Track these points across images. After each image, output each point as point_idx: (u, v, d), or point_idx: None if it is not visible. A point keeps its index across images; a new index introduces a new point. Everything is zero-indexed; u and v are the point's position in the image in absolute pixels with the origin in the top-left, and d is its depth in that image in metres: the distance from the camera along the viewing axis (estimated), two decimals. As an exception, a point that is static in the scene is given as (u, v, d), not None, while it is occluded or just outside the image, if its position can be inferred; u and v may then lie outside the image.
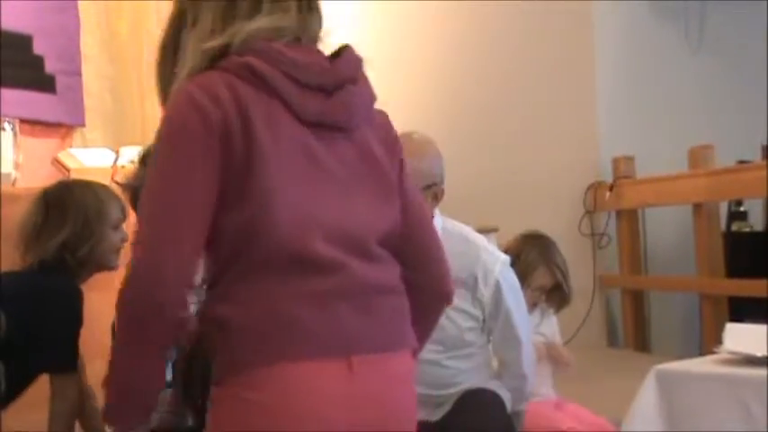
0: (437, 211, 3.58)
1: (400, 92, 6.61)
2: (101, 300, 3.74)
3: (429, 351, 3.52)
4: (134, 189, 3.19)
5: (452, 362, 3.59)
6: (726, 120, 7.58)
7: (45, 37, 5.47)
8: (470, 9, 6.88)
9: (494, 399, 3.60)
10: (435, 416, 3.56)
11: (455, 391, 3.57)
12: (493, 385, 3.65)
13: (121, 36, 5.81)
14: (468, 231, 3.69)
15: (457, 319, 3.55)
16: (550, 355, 4.14)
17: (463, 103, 6.83)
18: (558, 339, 4.26)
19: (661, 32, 7.67)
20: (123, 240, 3.41)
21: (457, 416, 3.50)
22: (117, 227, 3.42)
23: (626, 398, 3.63)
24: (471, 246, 3.63)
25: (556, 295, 4.19)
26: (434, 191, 3.51)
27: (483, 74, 6.97)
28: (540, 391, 4.03)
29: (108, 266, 3.44)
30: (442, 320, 3.50)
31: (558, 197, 7.14)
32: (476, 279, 3.56)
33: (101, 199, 3.43)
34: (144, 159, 3.16)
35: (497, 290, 3.60)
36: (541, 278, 4.14)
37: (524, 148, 7.03)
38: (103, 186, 3.57)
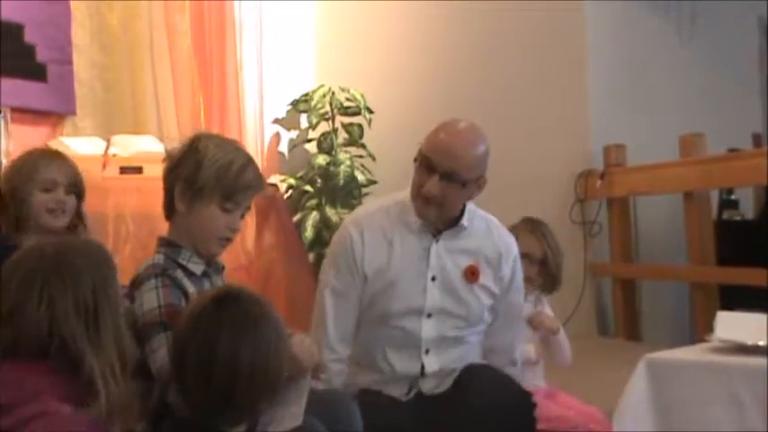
0: None
1: (393, 81, 6.63)
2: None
3: (453, 328, 3.61)
4: (166, 163, 3.25)
5: (471, 338, 3.69)
6: (716, 108, 7.59)
7: (36, 26, 5.47)
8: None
9: (495, 369, 3.66)
10: (440, 388, 3.61)
11: (460, 365, 3.63)
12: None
13: (112, 26, 5.81)
14: (487, 214, 3.80)
15: (481, 296, 3.65)
16: (535, 322, 4.13)
17: (456, 93, 6.83)
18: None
19: (652, 22, 7.67)
20: (59, 202, 3.68)
21: (467, 383, 3.55)
22: (48, 189, 3.65)
23: (617, 387, 3.64)
24: (493, 225, 3.76)
25: (543, 272, 4.21)
26: (481, 182, 3.61)
27: (475, 63, 6.97)
28: (532, 382, 4.04)
29: (42, 225, 3.65)
30: (469, 298, 3.59)
31: (549, 185, 7.13)
32: (500, 256, 3.68)
33: (33, 160, 3.72)
34: (191, 140, 3.22)
35: (515, 268, 3.73)
36: (528, 244, 4.15)
37: (516, 136, 7.02)
38: (48, 152, 3.93)
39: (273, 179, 6.28)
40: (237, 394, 2.52)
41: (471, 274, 3.61)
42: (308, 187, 6.26)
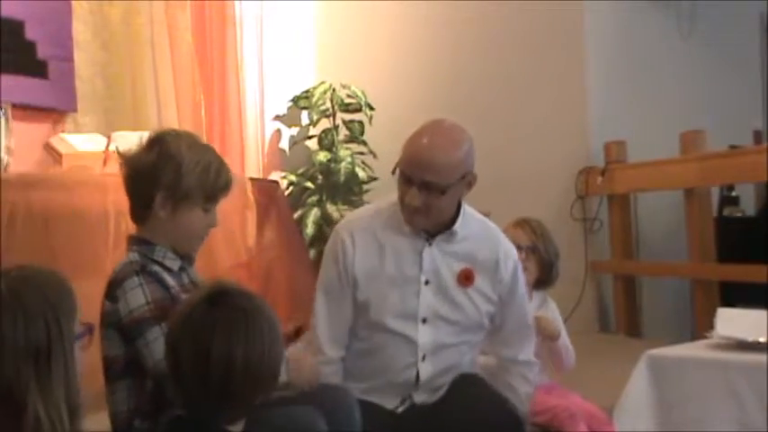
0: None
1: (394, 78, 6.63)
2: (90, 286, 3.72)
3: (450, 335, 3.59)
4: (124, 163, 3.20)
5: (467, 346, 3.65)
6: (717, 105, 7.60)
7: (37, 23, 5.47)
8: (460, -3, 6.90)
9: (486, 382, 3.65)
10: (431, 398, 3.60)
11: (452, 373, 3.63)
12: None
13: (113, 23, 5.81)
14: (486, 219, 3.77)
15: (478, 301, 3.62)
16: (537, 326, 4.12)
17: (456, 91, 6.83)
18: (560, 325, 4.24)
19: (652, 18, 7.67)
20: None
21: (455, 397, 3.55)
22: None
23: (618, 383, 3.65)
24: (492, 230, 3.73)
25: (538, 261, 4.21)
26: (468, 180, 3.52)
27: (475, 60, 6.97)
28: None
29: None
30: (464, 302, 3.56)
31: (550, 182, 7.14)
32: (497, 261, 3.63)
33: None
34: (151, 142, 3.18)
35: (515, 273, 3.69)
36: (513, 235, 4.13)
37: (516, 133, 7.03)
38: None
39: (274, 176, 6.29)
40: (234, 391, 2.52)
41: (465, 279, 3.58)
42: (308, 184, 6.26)
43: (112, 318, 3.07)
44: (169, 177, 3.12)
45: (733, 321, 3.61)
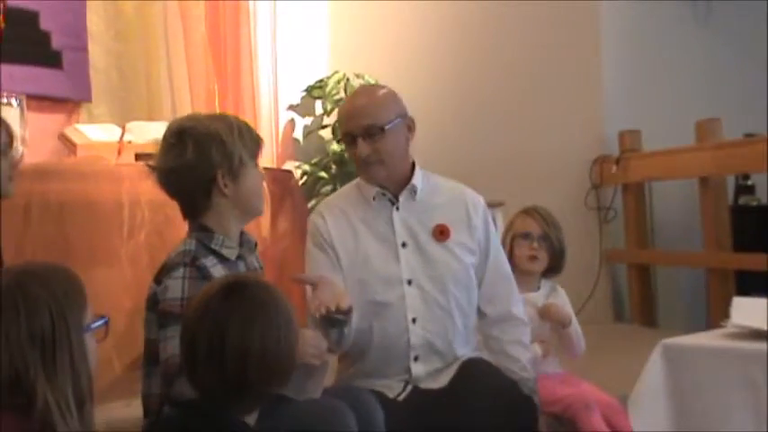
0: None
1: (408, 67, 6.62)
2: (105, 275, 3.72)
3: (438, 293, 3.63)
4: (164, 170, 3.20)
5: (456, 312, 3.64)
6: (732, 93, 7.57)
7: (51, 13, 5.48)
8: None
9: (494, 367, 3.65)
10: (439, 383, 3.59)
11: (454, 356, 3.63)
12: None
13: (127, 13, 5.82)
14: (450, 180, 3.87)
15: (459, 253, 3.67)
16: (545, 314, 4.11)
17: (470, 79, 6.83)
18: (569, 311, 4.22)
19: (667, 5, 7.64)
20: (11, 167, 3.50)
21: (466, 380, 3.54)
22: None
23: (633, 372, 3.64)
24: (454, 184, 3.83)
25: (549, 249, 4.19)
26: (407, 123, 3.67)
27: (489, 50, 6.96)
28: (547, 370, 4.03)
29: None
30: (446, 256, 3.63)
31: (565, 171, 7.13)
32: (467, 209, 3.72)
33: None
34: (177, 137, 3.18)
35: (486, 219, 3.76)
36: (524, 224, 4.15)
37: (530, 122, 7.02)
38: None
39: (288, 165, 6.29)
40: (249, 381, 2.52)
41: (440, 233, 3.64)
42: (322, 173, 6.26)
43: (153, 300, 3.09)
44: (219, 155, 3.15)
45: (748, 310, 3.61)
